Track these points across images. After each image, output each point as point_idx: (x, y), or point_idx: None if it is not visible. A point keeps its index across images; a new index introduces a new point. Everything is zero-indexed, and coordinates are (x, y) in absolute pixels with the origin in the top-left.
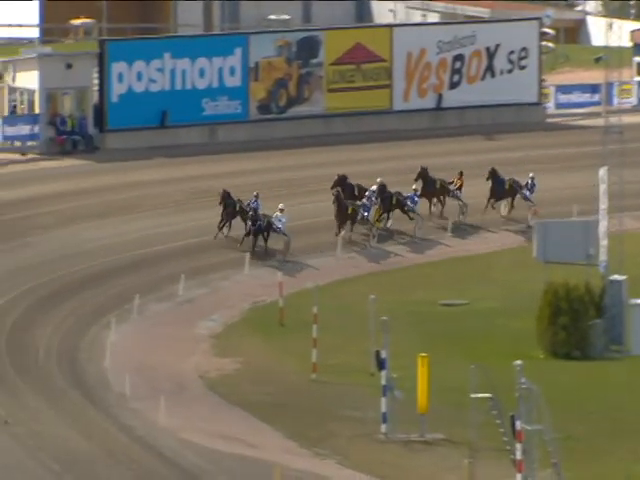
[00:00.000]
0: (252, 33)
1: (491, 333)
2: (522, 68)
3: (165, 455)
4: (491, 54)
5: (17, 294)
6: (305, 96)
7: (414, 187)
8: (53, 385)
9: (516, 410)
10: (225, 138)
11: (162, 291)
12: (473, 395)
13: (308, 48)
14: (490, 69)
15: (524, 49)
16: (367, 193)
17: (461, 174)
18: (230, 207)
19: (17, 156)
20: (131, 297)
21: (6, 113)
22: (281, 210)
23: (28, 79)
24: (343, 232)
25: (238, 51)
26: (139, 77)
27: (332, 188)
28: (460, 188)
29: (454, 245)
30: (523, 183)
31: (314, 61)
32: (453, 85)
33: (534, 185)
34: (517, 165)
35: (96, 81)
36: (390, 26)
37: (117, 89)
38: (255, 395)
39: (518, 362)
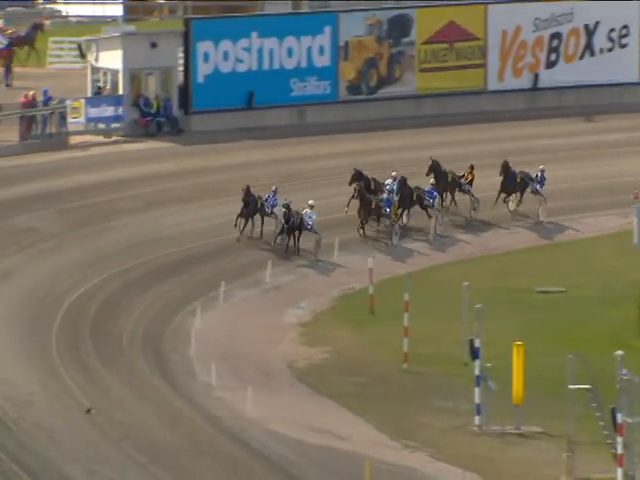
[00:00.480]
0: (342, 11)
1: (589, 322)
2: (623, 47)
3: (252, 447)
4: (590, 32)
5: (100, 280)
6: (396, 76)
7: (431, 181)
8: (137, 373)
9: (616, 402)
10: (313, 120)
11: (248, 278)
12: (571, 386)
13: (399, 26)
14: (589, 48)
15: (625, 27)
16: (387, 187)
17: (472, 168)
18: (252, 204)
19: (101, 138)
20: (217, 284)
21: (89, 94)
22: (311, 207)
23: (111, 59)
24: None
25: (327, 30)
26: (225, 57)
27: (350, 184)
28: (471, 182)
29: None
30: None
31: (405, 40)
32: (550, 64)
33: (544, 178)
34: (617, 147)
35: (181, 61)
36: (484, 3)
37: (203, 69)
38: (344, 385)
39: (619, 352)
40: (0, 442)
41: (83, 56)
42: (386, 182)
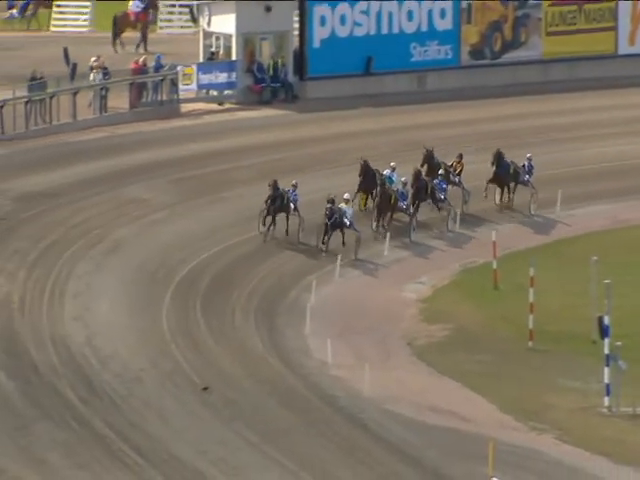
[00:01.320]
0: None
1: None
2: None
3: (369, 427)
4: None
5: (213, 253)
6: (521, 40)
7: (440, 172)
8: (250, 350)
9: None
10: (434, 86)
11: (366, 251)
12: None
13: None
14: None
15: None
16: (403, 179)
17: (460, 157)
18: (278, 200)
19: (213, 106)
20: (333, 257)
21: (201, 60)
22: (346, 201)
23: (224, 23)
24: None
25: None
26: (343, 21)
27: (360, 175)
28: (460, 173)
29: None
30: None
31: (532, 2)
32: None
33: (532, 167)
34: None
35: (296, 25)
36: None
37: (319, 34)
38: (467, 364)
39: None
40: (109, 421)
41: (195, 20)
42: (384, 172)
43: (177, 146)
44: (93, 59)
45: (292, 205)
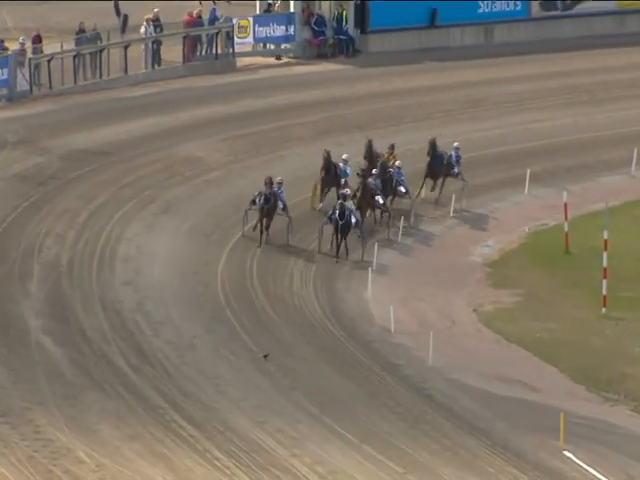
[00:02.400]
0: None
1: None
2: None
3: (434, 398)
4: None
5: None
6: None
7: (398, 163)
8: (309, 316)
9: None
10: (502, 39)
11: (431, 212)
12: None
13: None
14: None
15: None
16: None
17: (392, 148)
18: (272, 200)
19: (270, 60)
20: (395, 219)
21: (258, 12)
22: (344, 197)
23: None
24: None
25: None
26: None
27: (324, 169)
28: (393, 165)
29: None
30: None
31: None
32: None
33: (459, 157)
34: None
35: None
36: None
37: None
38: (537, 332)
39: None
40: (162, 390)
41: None
42: (340, 165)
43: (232, 102)
44: (155, 11)
45: (281, 204)
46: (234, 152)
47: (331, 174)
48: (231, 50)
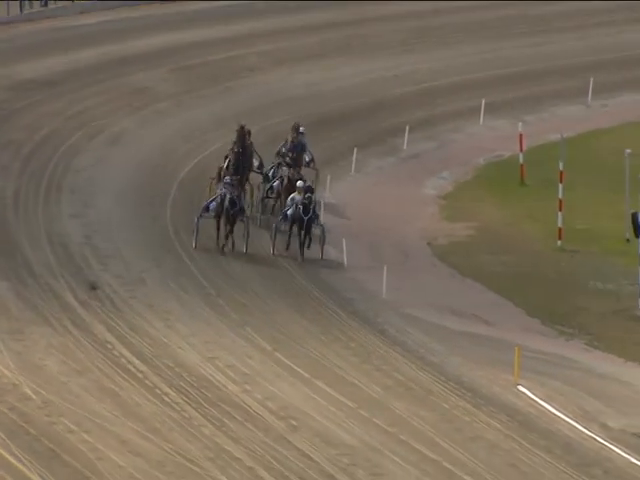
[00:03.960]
0: None
1: None
2: None
3: (387, 333)
4: None
5: (220, 146)
6: None
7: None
8: (261, 249)
9: None
10: None
11: (383, 145)
12: None
13: None
14: None
15: None
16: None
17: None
18: (238, 201)
19: None
20: (348, 151)
21: None
22: (303, 191)
23: None
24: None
25: None
26: None
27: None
28: None
29: None
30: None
31: None
32: None
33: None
34: None
35: None
36: None
37: None
38: (491, 265)
39: None
40: (110, 325)
41: None
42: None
43: (183, 31)
44: None
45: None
46: (184, 82)
47: (247, 155)
48: None
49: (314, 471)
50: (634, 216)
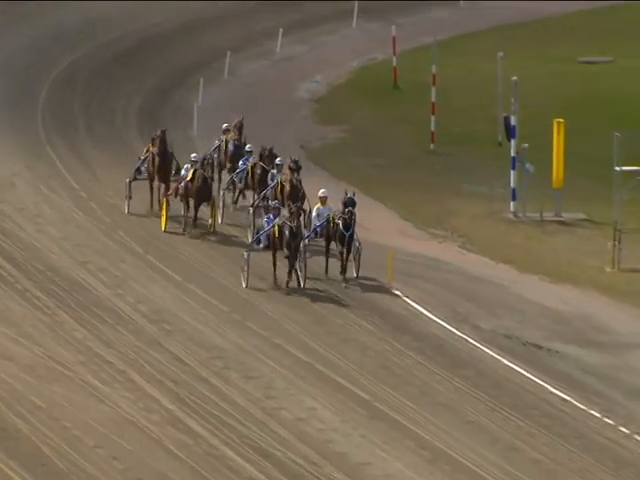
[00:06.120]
0: None
1: (639, 95)
2: None
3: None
4: None
5: (89, 50)
6: None
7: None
8: (132, 156)
9: None
10: None
11: (257, 48)
12: (618, 168)
13: None
14: None
15: None
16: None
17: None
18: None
19: None
20: (221, 55)
21: None
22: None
23: None
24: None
25: None
26: None
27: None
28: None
29: None
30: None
31: None
32: None
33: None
34: None
35: None
36: None
37: None
38: (364, 168)
39: None
40: None
41: None
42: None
43: None
44: None
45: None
46: None
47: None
48: None
49: (187, 375)
50: (506, 119)
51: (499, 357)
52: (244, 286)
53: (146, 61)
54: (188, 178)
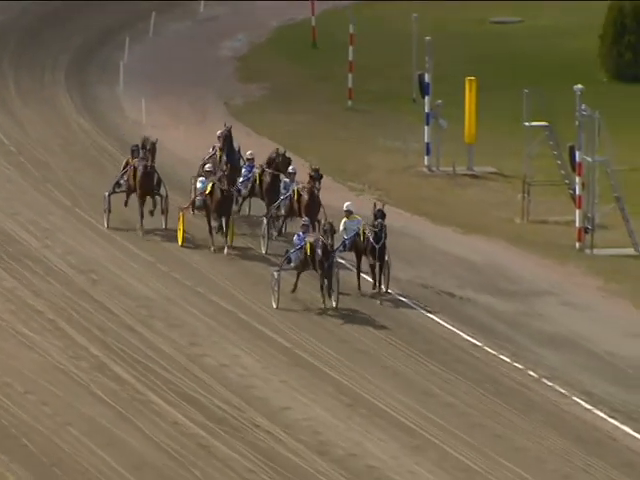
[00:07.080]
0: None
1: (547, 54)
2: None
3: (186, 189)
4: None
5: (20, 9)
6: None
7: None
8: (61, 109)
9: (575, 140)
10: None
11: (181, 8)
12: (527, 123)
13: None
14: None
15: None
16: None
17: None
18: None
19: None
20: (146, 15)
21: None
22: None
23: None
24: None
25: None
26: None
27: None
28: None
29: None
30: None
31: None
32: None
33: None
34: None
35: None
36: None
37: None
38: (285, 124)
39: (578, 86)
40: None
41: None
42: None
43: None
44: None
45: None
46: None
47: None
48: None
49: (114, 323)
50: (421, 77)
51: (416, 307)
52: (274, 307)
53: (72, 22)
54: (207, 192)
